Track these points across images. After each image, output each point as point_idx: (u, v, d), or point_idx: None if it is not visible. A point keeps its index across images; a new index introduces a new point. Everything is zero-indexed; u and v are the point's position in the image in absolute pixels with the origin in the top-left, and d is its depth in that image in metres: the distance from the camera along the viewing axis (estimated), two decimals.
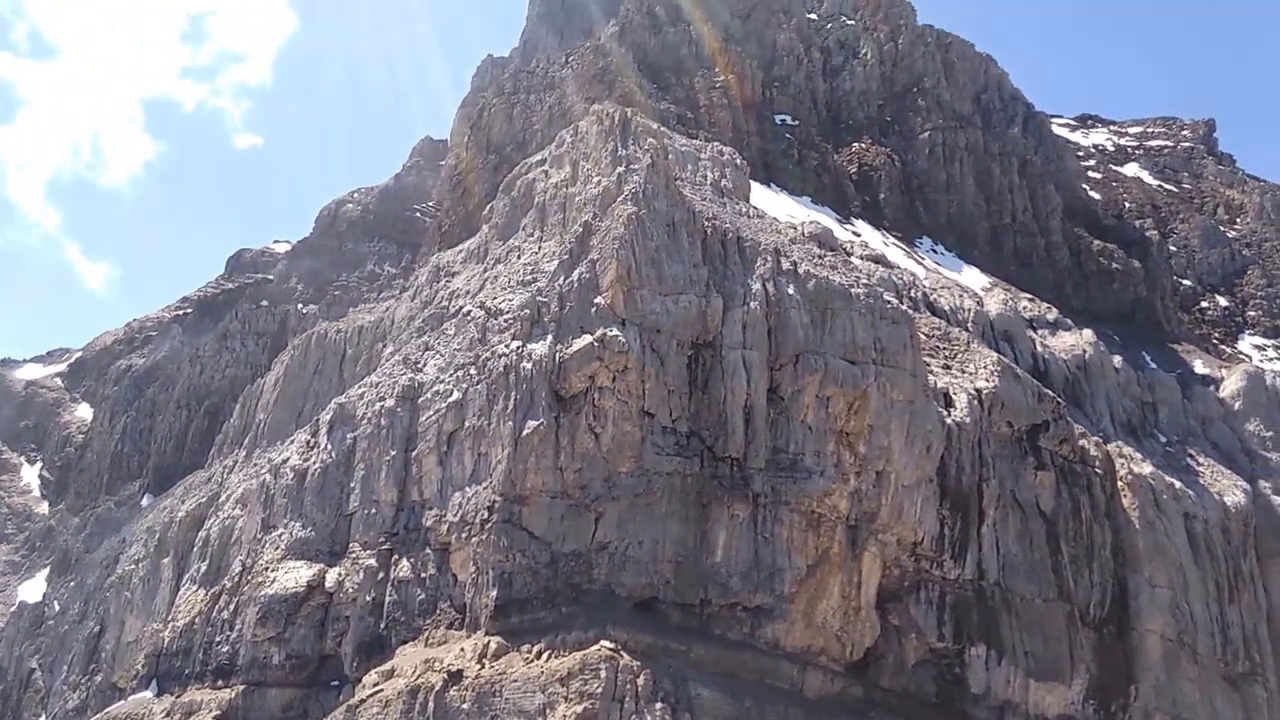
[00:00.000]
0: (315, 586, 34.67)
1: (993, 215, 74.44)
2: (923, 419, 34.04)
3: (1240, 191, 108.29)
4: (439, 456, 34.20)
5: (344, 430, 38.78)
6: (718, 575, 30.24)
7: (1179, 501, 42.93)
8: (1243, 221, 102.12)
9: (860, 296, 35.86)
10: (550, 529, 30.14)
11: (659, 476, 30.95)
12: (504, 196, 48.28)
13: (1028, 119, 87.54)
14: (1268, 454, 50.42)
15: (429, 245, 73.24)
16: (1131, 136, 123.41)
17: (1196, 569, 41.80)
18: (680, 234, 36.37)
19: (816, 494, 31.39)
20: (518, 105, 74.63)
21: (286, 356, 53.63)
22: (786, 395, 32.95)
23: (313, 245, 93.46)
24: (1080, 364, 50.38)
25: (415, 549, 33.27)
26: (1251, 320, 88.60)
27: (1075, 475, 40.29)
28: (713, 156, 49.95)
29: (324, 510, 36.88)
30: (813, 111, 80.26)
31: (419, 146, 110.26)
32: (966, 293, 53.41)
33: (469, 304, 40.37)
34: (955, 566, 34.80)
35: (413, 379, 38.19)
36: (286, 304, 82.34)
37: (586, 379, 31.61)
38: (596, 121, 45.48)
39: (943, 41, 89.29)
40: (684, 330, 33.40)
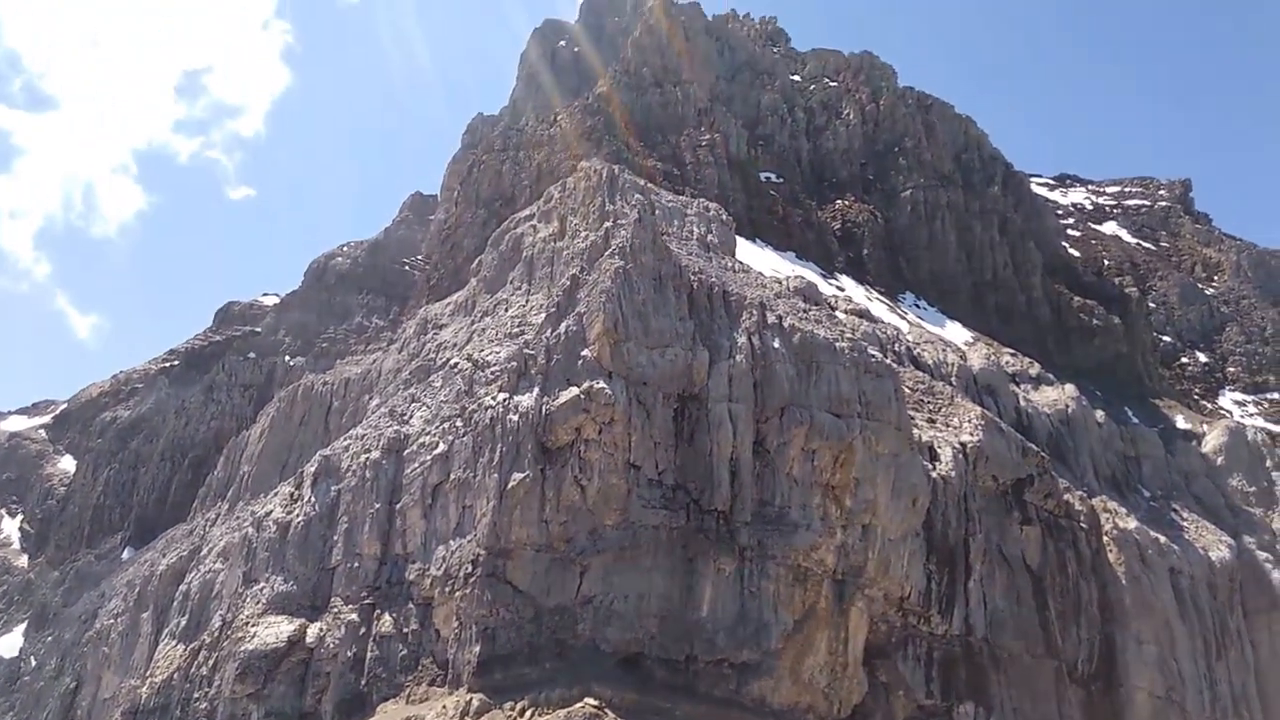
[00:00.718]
0: (296, 642, 34.08)
1: (974, 272, 75.35)
2: (908, 472, 34.11)
3: (1217, 250, 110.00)
4: (423, 509, 33.99)
5: (328, 482, 38.51)
6: (703, 631, 29.97)
7: (1164, 557, 42.99)
8: (1220, 279, 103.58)
9: (845, 350, 36.11)
10: (534, 583, 29.89)
11: (645, 529, 30.82)
12: (492, 250, 48.65)
13: (1007, 178, 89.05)
14: (1251, 509, 50.66)
15: (417, 298, 73.48)
16: (1109, 196, 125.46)
17: (1184, 625, 41.73)
18: (667, 288, 36.66)
19: (803, 547, 31.29)
20: (507, 161, 75.48)
21: (272, 408, 53.42)
22: (772, 448, 32.99)
23: (301, 298, 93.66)
24: (1063, 418, 50.70)
25: (398, 603, 32.88)
26: (1231, 376, 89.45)
27: (1061, 530, 40.35)
28: (699, 212, 50.53)
29: (306, 564, 36.45)
30: (797, 169, 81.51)
31: (408, 201, 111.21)
32: (950, 347, 53.84)
33: (456, 356, 40.43)
34: (943, 622, 34.65)
35: (398, 431, 38.07)
36: (274, 356, 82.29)
37: (573, 431, 31.61)
38: (584, 177, 46.04)
39: (923, 103, 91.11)
40: (670, 383, 33.51)
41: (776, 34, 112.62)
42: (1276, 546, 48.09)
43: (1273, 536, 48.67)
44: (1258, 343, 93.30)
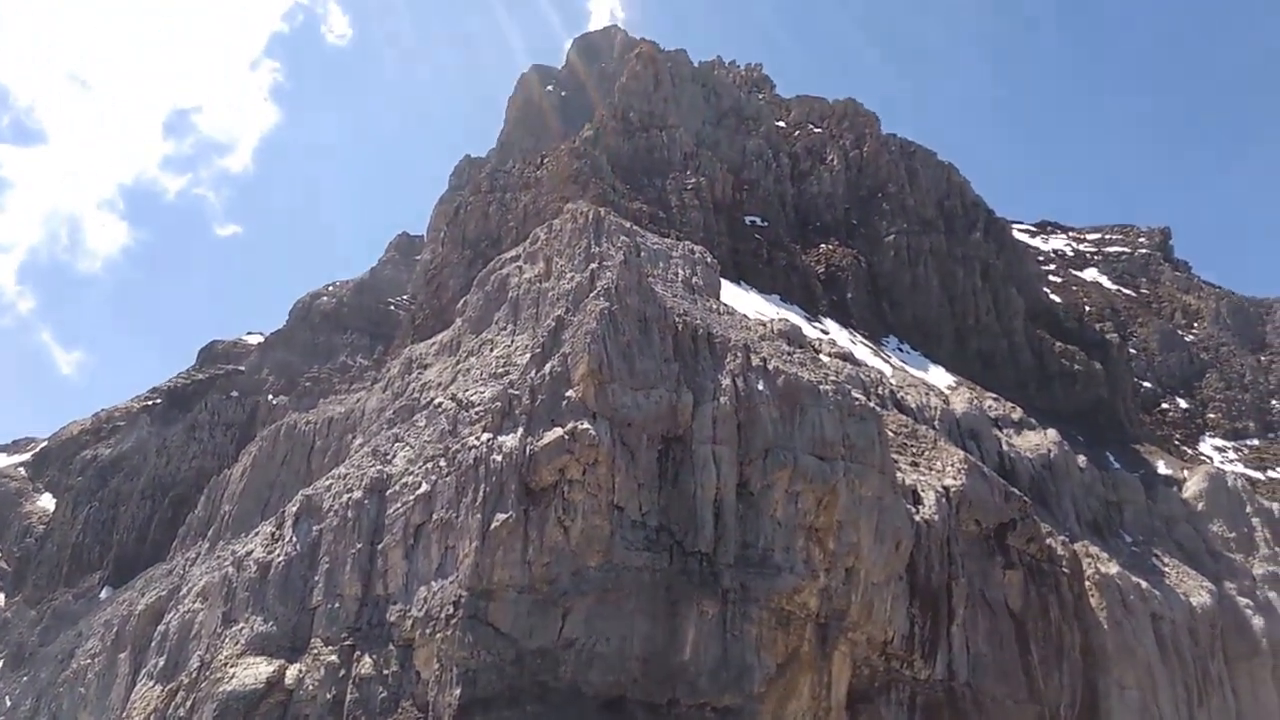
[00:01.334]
0: (275, 683, 33.65)
1: (957, 316, 76.05)
2: (892, 516, 34.20)
3: (1196, 297, 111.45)
4: (405, 549, 33.80)
5: (310, 522, 38.26)
6: (686, 674, 29.81)
7: (1146, 602, 43.11)
8: (1200, 326, 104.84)
9: (829, 393, 36.32)
10: (516, 625, 29.71)
11: (628, 571, 30.73)
12: (478, 290, 48.83)
13: (989, 225, 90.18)
14: (1232, 555, 50.89)
15: (402, 338, 73.52)
16: (1090, 243, 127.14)
17: (1165, 671, 41.77)
18: (652, 329, 36.87)
19: (786, 591, 31.25)
20: (494, 203, 76.00)
21: (254, 447, 53.15)
22: (756, 490, 33.04)
23: (285, 337, 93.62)
24: (1045, 463, 50.99)
25: (378, 645, 32.57)
26: (1211, 422, 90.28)
27: (1043, 574, 40.41)
28: (684, 255, 50.93)
29: (286, 604, 36.10)
30: (781, 213, 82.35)
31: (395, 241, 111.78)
32: (933, 391, 54.19)
33: (440, 396, 40.43)
34: (926, 666, 34.58)
35: (381, 471, 37.94)
36: (257, 395, 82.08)
37: (556, 472, 31.60)
38: (571, 219, 46.41)
39: (906, 150, 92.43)
40: (654, 424, 33.59)
41: (761, 81, 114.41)
42: (1257, 593, 48.26)
43: (1253, 583, 48.85)
44: (1237, 389, 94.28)
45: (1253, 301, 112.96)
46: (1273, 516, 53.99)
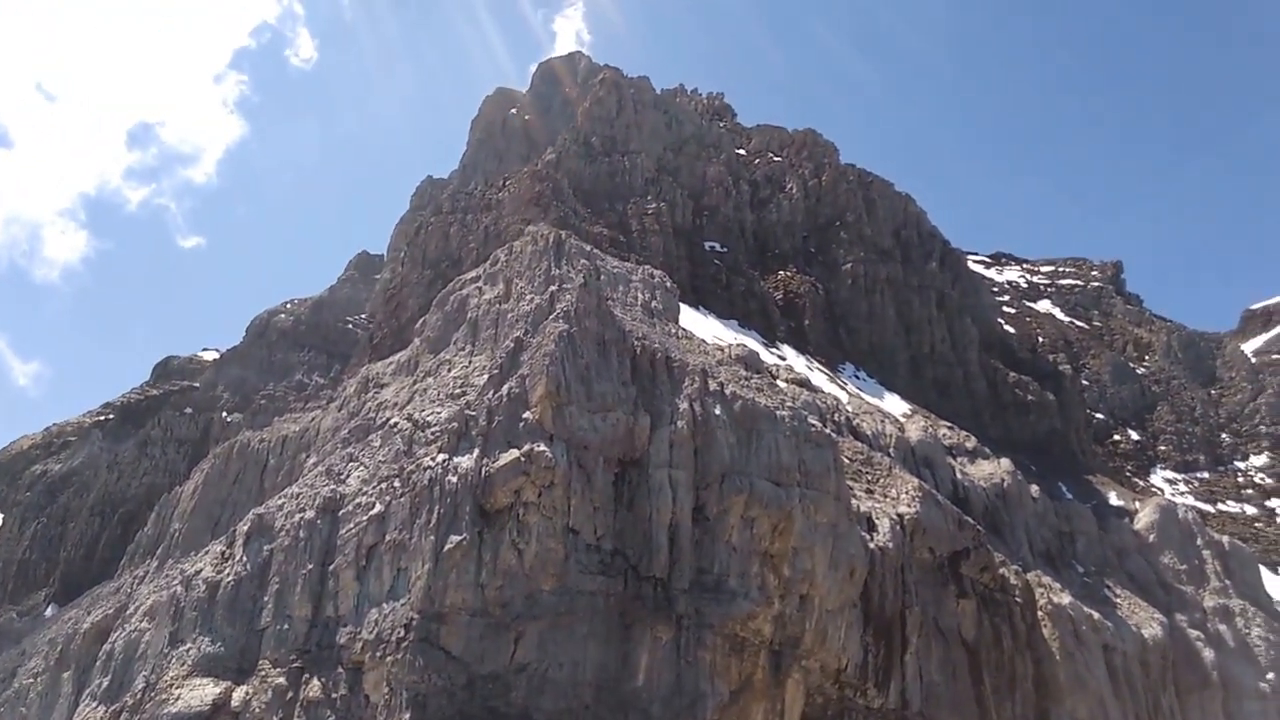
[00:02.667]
0: (221, 705, 32.90)
1: (912, 345, 76.87)
2: (846, 543, 34.28)
3: (1148, 330, 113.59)
4: (357, 571, 33.29)
5: (261, 542, 37.59)
6: (639, 700, 29.57)
7: (1098, 633, 43.43)
8: (1151, 359, 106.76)
9: (785, 419, 36.44)
10: (468, 649, 29.33)
11: (582, 595, 30.50)
12: (437, 311, 48.55)
13: (944, 255, 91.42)
14: (1183, 587, 51.43)
15: (359, 357, 72.86)
16: (1043, 275, 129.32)
17: (1117, 702, 42.03)
18: (610, 353, 36.84)
19: (740, 617, 31.16)
20: (454, 224, 75.78)
21: (207, 465, 52.25)
22: (712, 515, 32.99)
23: (242, 354, 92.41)
24: (999, 492, 51.43)
25: (327, 668, 31.97)
26: (1162, 455, 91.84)
27: (996, 604, 40.62)
28: (643, 279, 51.05)
29: (235, 625, 35.37)
30: (740, 240, 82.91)
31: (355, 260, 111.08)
32: (888, 418, 54.60)
33: (396, 416, 40.04)
34: (879, 695, 34.57)
35: (335, 490, 37.42)
36: (211, 412, 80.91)
37: (512, 494, 31.35)
38: (531, 241, 46.37)
39: (864, 180, 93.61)
40: (611, 448, 33.49)
41: (723, 109, 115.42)
42: (1208, 625, 48.80)
43: (1204, 615, 49.39)
44: (1188, 422, 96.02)
45: (1203, 335, 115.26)
46: (1223, 549, 54.74)
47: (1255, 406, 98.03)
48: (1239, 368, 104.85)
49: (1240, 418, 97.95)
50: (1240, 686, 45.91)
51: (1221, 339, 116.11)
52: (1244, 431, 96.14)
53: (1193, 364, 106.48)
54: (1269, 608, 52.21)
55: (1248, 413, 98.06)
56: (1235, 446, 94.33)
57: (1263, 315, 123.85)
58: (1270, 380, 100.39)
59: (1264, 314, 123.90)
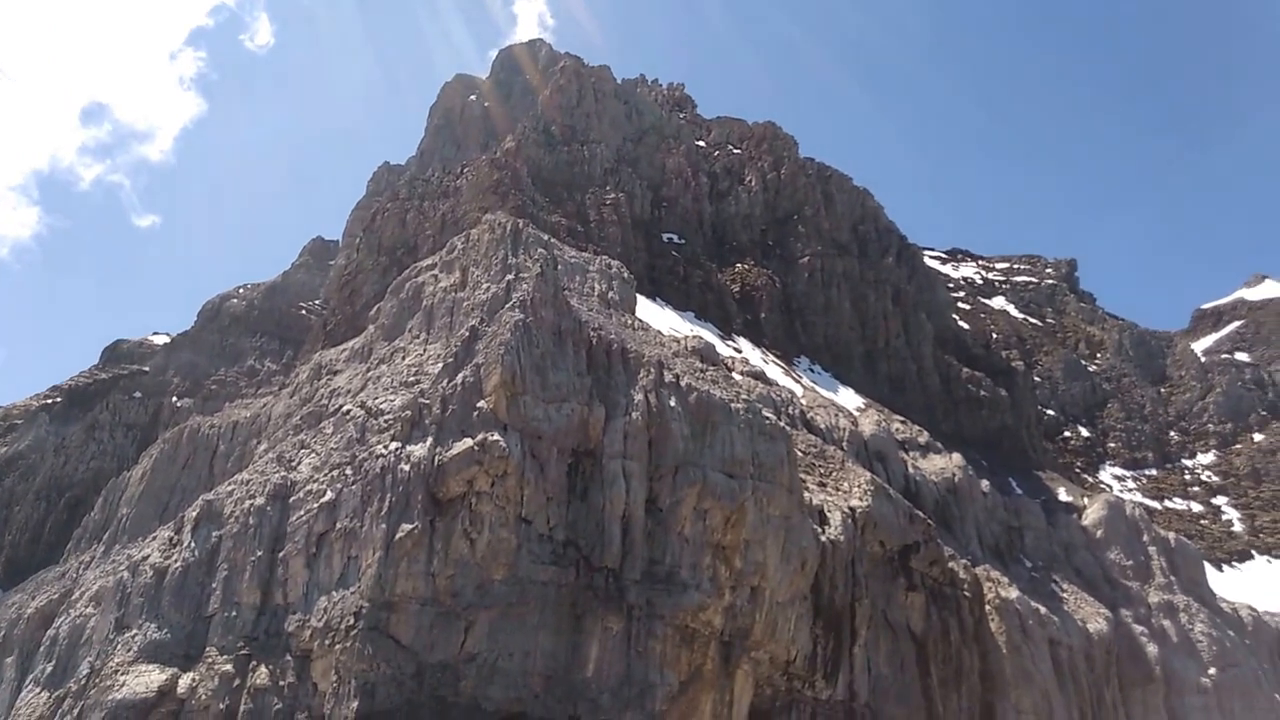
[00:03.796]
0: (166, 692, 32.52)
1: (868, 339, 77.49)
2: (798, 535, 34.48)
3: (1100, 328, 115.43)
4: (307, 558, 32.97)
5: (210, 528, 37.12)
6: (588, 691, 29.57)
7: (1044, 627, 44.00)
8: (1103, 357, 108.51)
9: (740, 411, 36.55)
10: (418, 638, 29.16)
11: (533, 585, 30.43)
12: (392, 298, 48.11)
13: (901, 250, 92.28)
14: (1128, 583, 52.18)
15: (313, 343, 72.08)
16: (999, 271, 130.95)
17: (1061, 696, 42.61)
18: (566, 343, 36.73)
19: (691, 608, 31.26)
20: (411, 211, 75.11)
21: (155, 450, 51.42)
22: (665, 506, 33.03)
23: (193, 338, 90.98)
24: (950, 487, 51.96)
25: (275, 655, 31.67)
26: (1111, 451, 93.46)
27: (945, 597, 41.08)
28: (601, 269, 50.92)
29: (182, 611, 34.93)
30: (699, 232, 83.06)
31: (310, 245, 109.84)
32: (842, 412, 54.98)
33: (349, 403, 39.65)
34: (827, 686, 34.86)
35: (285, 477, 37.01)
36: (161, 397, 79.63)
37: (465, 483, 31.19)
38: (488, 230, 46.06)
39: (823, 174, 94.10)
40: (565, 438, 33.40)
41: (684, 100, 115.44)
42: (1152, 620, 49.57)
43: (1148, 610, 50.17)
44: (1137, 420, 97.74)
45: (1155, 334, 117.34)
46: (1169, 546, 55.64)
47: (1204, 405, 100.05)
48: (1189, 367, 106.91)
49: (1189, 416, 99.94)
50: (1182, 681, 46.77)
51: (1172, 338, 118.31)
52: (1192, 430, 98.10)
53: (1144, 362, 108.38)
54: (1212, 604, 53.28)
55: (1196, 411, 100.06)
56: (1183, 444, 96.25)
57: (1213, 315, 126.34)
58: (1219, 379, 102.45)
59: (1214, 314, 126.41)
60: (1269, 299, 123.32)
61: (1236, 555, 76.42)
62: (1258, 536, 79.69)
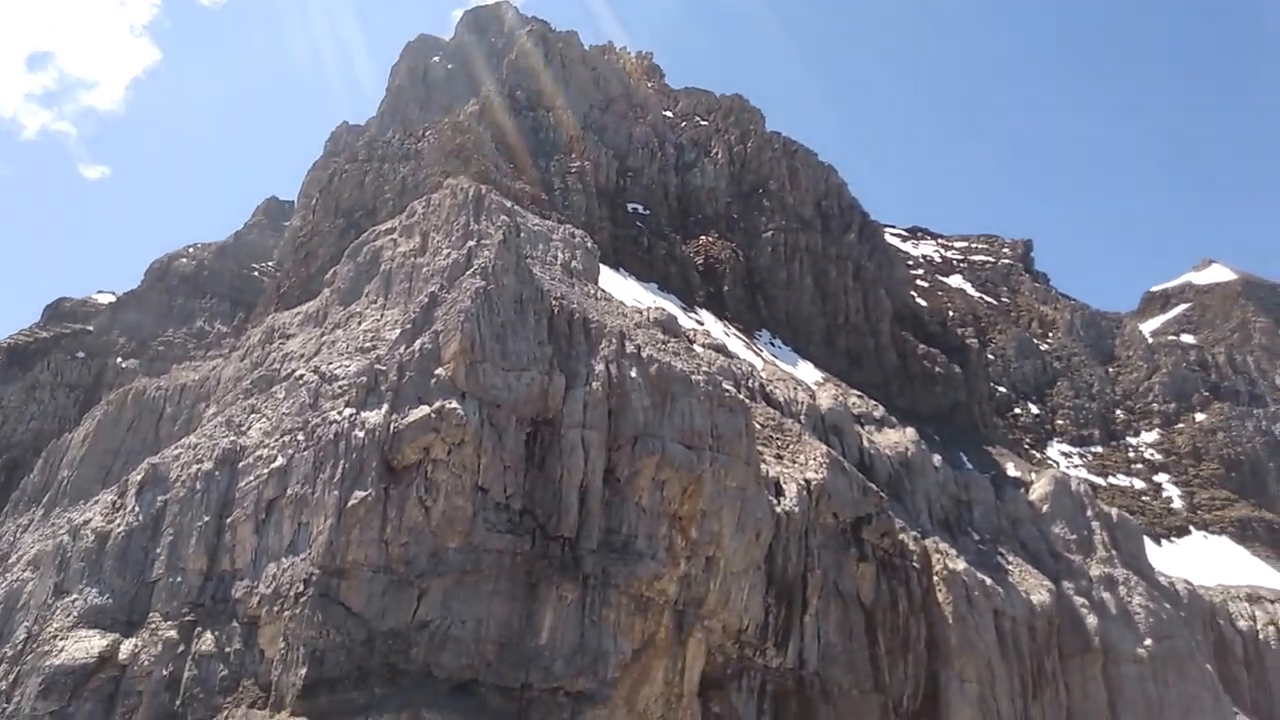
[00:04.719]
0: (107, 658, 32.01)
1: (828, 314, 77.87)
2: (754, 507, 34.66)
3: (1053, 308, 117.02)
4: (256, 524, 32.51)
5: (155, 492, 36.45)
6: (541, 658, 29.60)
7: (989, 599, 44.78)
8: (1054, 336, 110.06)
9: (700, 383, 36.54)
10: (369, 605, 28.92)
11: (488, 554, 30.29)
12: (349, 261, 47.30)
13: (863, 227, 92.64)
14: (1071, 556, 53.23)
15: (265, 306, 70.90)
16: (957, 250, 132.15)
17: (1004, 665, 43.46)
18: (527, 311, 36.40)
19: (647, 577, 31.34)
20: (370, 173, 73.91)
21: (99, 411, 50.29)
22: (623, 477, 33.01)
23: (139, 298, 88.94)
24: (903, 460, 52.51)
25: (221, 622, 31.26)
26: (1059, 428, 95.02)
27: (894, 568, 41.65)
28: (564, 238, 50.49)
29: (124, 576, 34.32)
30: (664, 203, 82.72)
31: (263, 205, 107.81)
32: (801, 386, 55.23)
33: (302, 368, 39.01)
34: (778, 655, 35.24)
35: (234, 442, 36.40)
36: (105, 357, 77.88)
37: (420, 451, 30.89)
38: (450, 195, 45.38)
39: (789, 148, 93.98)
40: (524, 407, 33.18)
41: (652, 69, 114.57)
42: (1093, 593, 50.63)
43: (1090, 583, 51.21)
44: (1085, 398, 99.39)
45: (1105, 315, 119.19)
46: (1111, 521, 56.80)
47: (1149, 385, 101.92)
48: (1136, 347, 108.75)
49: (1135, 395, 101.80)
50: (1119, 651, 47.85)
51: (1122, 319, 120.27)
52: (1137, 409, 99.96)
53: (1093, 342, 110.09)
54: (1151, 577, 54.54)
55: (1142, 391, 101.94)
56: (1128, 423, 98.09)
57: (1161, 298, 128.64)
58: (1165, 360, 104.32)
59: (1163, 296, 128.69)
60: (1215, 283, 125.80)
61: (1175, 531, 78.23)
62: (1196, 513, 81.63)
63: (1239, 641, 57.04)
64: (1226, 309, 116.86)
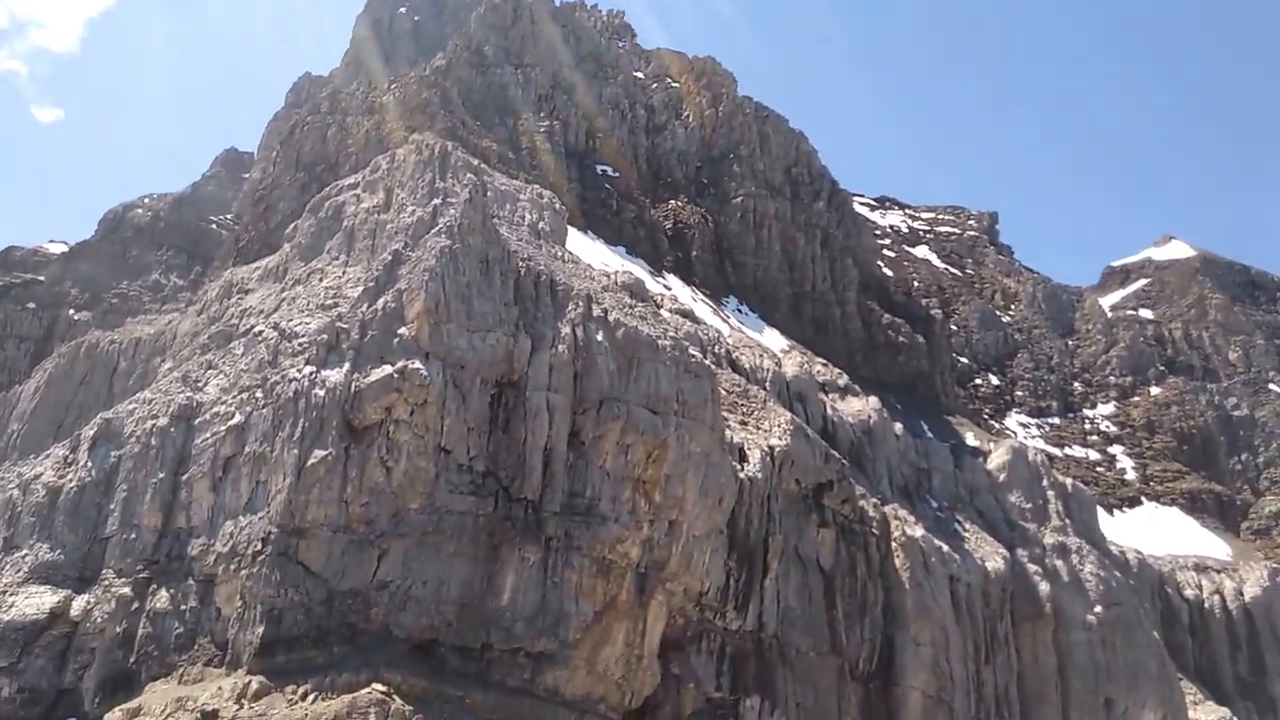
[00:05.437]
0: (59, 614, 31.59)
1: (795, 282, 77.85)
2: (717, 472, 34.68)
3: (1016, 281, 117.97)
4: (213, 482, 32.05)
5: (108, 447, 35.81)
6: (502, 619, 29.57)
7: (946, 565, 45.40)
8: (1016, 308, 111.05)
9: (667, 348, 36.36)
10: (329, 565, 28.65)
11: (450, 515, 30.10)
12: (310, 216, 46.41)
13: (832, 195, 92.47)
14: (1026, 524, 54.05)
15: (223, 259, 69.67)
16: (924, 221, 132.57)
17: (958, 629, 44.17)
18: (493, 272, 35.94)
19: (609, 540, 31.31)
20: (333, 126, 72.50)
21: (50, 364, 49.30)
22: (587, 440, 32.85)
23: (93, 249, 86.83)
24: (865, 428, 52.85)
25: (176, 579, 30.90)
26: (1018, 400, 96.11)
27: (854, 534, 42.04)
28: (532, 198, 49.87)
29: (77, 532, 33.78)
30: (633, 165, 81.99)
31: (222, 156, 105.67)
32: (766, 353, 55.27)
33: (261, 324, 38.33)
34: (737, 618, 35.53)
35: (191, 398, 35.77)
36: (57, 309, 75.98)
37: (382, 410, 30.50)
38: (415, 151, 44.60)
39: (760, 114, 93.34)
40: (489, 368, 32.85)
41: (623, 29, 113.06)
42: (1046, 560, 51.50)
43: (1043, 551, 52.04)
44: (1044, 370, 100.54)
45: (1066, 289, 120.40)
46: (1065, 490, 57.74)
47: (1107, 359, 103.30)
48: (1095, 321, 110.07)
49: (1092, 368, 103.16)
50: (1070, 618, 48.77)
51: (1083, 293, 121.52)
52: (1094, 381, 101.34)
53: (1054, 315, 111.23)
54: (1102, 546, 55.58)
55: (1099, 364, 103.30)
56: (1085, 395, 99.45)
57: (1121, 273, 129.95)
58: (1123, 334, 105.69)
59: (1123, 271, 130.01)
60: (1174, 259, 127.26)
61: (1127, 501, 79.66)
62: (1148, 484, 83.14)
63: (1185, 610, 58.42)
64: (1184, 285, 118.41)
